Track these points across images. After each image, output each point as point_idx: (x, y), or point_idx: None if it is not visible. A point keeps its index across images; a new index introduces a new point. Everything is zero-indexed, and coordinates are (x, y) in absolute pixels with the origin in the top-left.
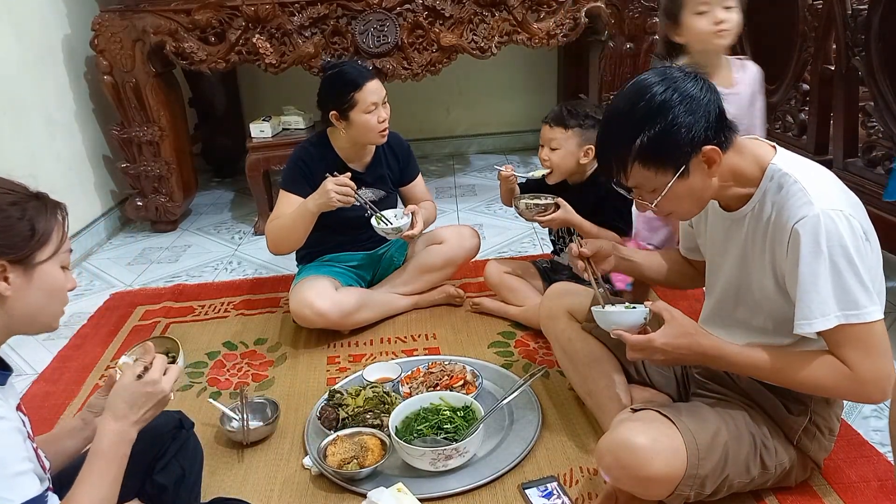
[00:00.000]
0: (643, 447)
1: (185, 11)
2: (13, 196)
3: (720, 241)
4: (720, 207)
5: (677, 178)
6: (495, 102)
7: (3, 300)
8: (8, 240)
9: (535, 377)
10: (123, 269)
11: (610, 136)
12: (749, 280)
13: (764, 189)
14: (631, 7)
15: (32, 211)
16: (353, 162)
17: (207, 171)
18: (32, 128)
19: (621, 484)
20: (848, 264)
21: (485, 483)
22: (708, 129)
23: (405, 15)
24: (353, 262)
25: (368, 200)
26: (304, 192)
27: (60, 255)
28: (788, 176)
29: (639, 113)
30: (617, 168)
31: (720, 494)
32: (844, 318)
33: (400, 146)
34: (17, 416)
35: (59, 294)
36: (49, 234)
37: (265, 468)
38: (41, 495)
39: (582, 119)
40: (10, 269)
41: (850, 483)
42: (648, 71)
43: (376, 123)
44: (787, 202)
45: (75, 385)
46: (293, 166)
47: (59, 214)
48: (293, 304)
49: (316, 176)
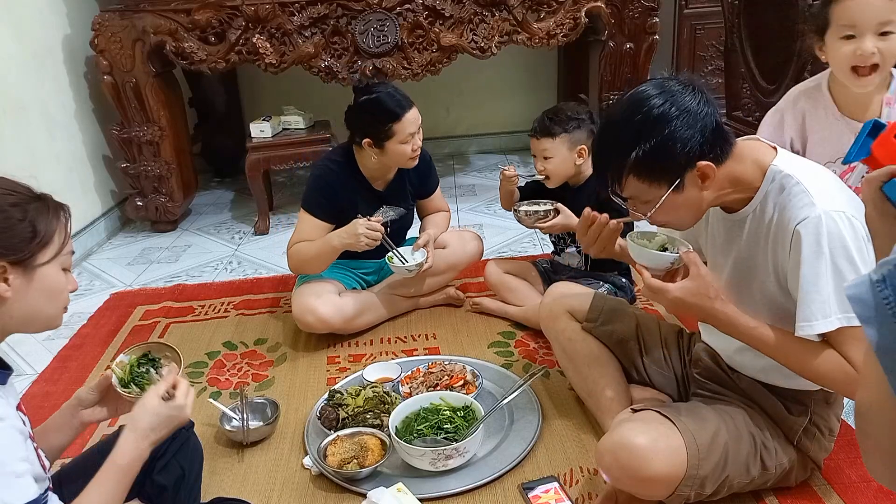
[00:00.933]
0: (643, 447)
1: (185, 11)
2: (15, 197)
3: (721, 242)
4: (721, 209)
5: (671, 192)
6: (495, 102)
7: (3, 301)
8: (8, 241)
9: (535, 377)
10: (123, 269)
11: (606, 147)
12: (750, 281)
13: (765, 191)
14: (631, 7)
15: (34, 212)
16: (376, 181)
17: (207, 171)
18: (32, 128)
19: (621, 484)
20: (850, 265)
21: (485, 483)
22: (704, 144)
23: (405, 15)
24: (363, 269)
25: (388, 240)
26: (325, 214)
27: (62, 256)
28: (790, 177)
29: (635, 125)
30: (612, 179)
31: (720, 495)
32: (846, 320)
33: (423, 160)
34: (18, 416)
35: (60, 295)
36: (51, 236)
37: (265, 468)
38: (39, 497)
39: (566, 124)
40: (11, 270)
41: (851, 483)
42: (647, 82)
43: (410, 152)
44: (788, 203)
45: (75, 385)
46: (316, 187)
47: (62, 216)
48: (296, 310)
49: (339, 196)
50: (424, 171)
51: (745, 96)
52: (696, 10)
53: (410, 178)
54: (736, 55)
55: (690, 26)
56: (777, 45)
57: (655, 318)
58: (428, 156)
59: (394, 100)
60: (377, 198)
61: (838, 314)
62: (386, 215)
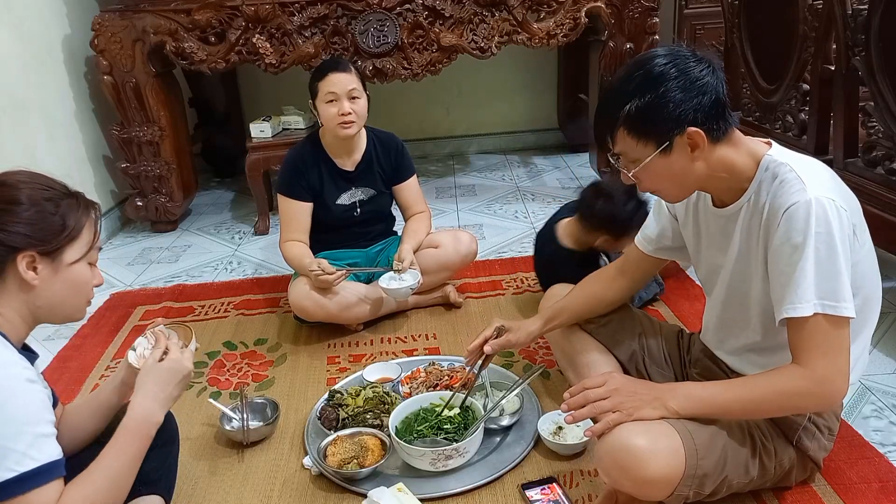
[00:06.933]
0: (641, 448)
1: (185, 11)
2: (50, 192)
3: (718, 240)
4: (713, 206)
5: (659, 153)
6: (495, 102)
7: (30, 289)
8: (40, 232)
9: (532, 376)
10: (123, 269)
11: (605, 99)
12: (749, 275)
13: (759, 180)
14: (631, 7)
15: (66, 208)
16: (340, 158)
17: (207, 171)
18: (32, 128)
19: (620, 486)
20: (830, 253)
21: (485, 483)
22: (698, 111)
23: (405, 15)
24: (349, 259)
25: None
26: (300, 192)
27: (90, 252)
28: (784, 165)
29: (635, 81)
30: (606, 130)
31: (719, 494)
32: (821, 307)
33: (391, 144)
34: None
35: (84, 288)
36: (79, 231)
37: (265, 468)
38: (61, 459)
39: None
40: (39, 260)
41: (851, 484)
42: (662, 46)
43: (335, 115)
44: (781, 189)
45: (75, 385)
46: (285, 169)
47: (93, 213)
48: (292, 298)
49: (308, 174)
50: (396, 157)
51: (745, 96)
52: (696, 10)
53: (380, 160)
54: (736, 55)
55: (690, 26)
56: (777, 45)
57: (656, 319)
58: (400, 143)
59: (330, 62)
60: (344, 177)
61: (815, 300)
62: (354, 195)
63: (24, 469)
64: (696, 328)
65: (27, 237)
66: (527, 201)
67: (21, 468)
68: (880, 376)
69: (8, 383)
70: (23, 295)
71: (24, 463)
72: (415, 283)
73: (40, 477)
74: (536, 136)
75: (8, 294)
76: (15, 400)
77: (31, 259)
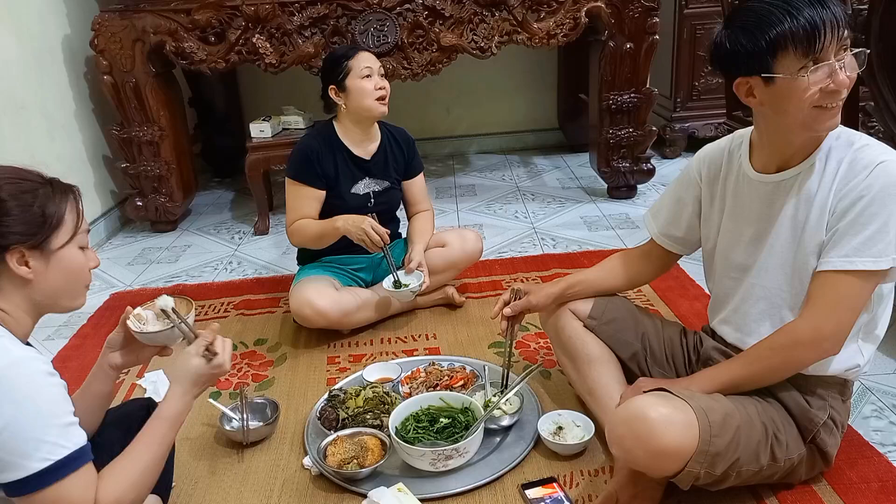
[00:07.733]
0: (657, 419)
1: (185, 11)
2: (25, 184)
3: (754, 208)
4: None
5: None
6: (495, 102)
7: (27, 283)
8: (22, 227)
9: (531, 373)
10: (123, 269)
11: None
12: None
13: (829, 146)
14: (631, 7)
15: (43, 198)
16: (357, 148)
17: (207, 171)
18: (32, 128)
19: (633, 457)
20: None
21: (485, 483)
22: None
23: (405, 15)
24: (355, 265)
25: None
26: (313, 178)
27: (78, 236)
28: (859, 135)
29: None
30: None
31: (728, 481)
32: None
33: (406, 140)
34: None
35: (80, 273)
36: (61, 218)
37: (265, 468)
38: (87, 444)
39: None
40: (29, 254)
41: (851, 484)
42: None
43: (373, 89)
44: (865, 151)
45: (75, 385)
46: (299, 155)
47: (71, 197)
48: (293, 304)
49: (322, 160)
50: (409, 152)
51: None
52: (696, 10)
53: (395, 153)
54: None
55: (690, 26)
56: None
57: (657, 317)
58: (411, 138)
59: (346, 47)
60: (360, 167)
61: (893, 255)
62: (368, 185)
63: (57, 457)
64: (695, 328)
65: (13, 234)
66: (527, 201)
67: (55, 457)
68: (880, 376)
69: (31, 379)
70: (21, 290)
71: (56, 452)
72: (418, 286)
73: (74, 463)
74: (536, 135)
75: (7, 292)
76: (40, 395)
77: (20, 255)
